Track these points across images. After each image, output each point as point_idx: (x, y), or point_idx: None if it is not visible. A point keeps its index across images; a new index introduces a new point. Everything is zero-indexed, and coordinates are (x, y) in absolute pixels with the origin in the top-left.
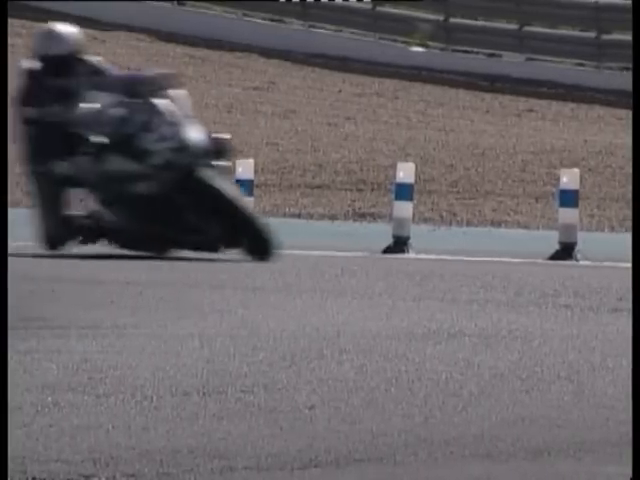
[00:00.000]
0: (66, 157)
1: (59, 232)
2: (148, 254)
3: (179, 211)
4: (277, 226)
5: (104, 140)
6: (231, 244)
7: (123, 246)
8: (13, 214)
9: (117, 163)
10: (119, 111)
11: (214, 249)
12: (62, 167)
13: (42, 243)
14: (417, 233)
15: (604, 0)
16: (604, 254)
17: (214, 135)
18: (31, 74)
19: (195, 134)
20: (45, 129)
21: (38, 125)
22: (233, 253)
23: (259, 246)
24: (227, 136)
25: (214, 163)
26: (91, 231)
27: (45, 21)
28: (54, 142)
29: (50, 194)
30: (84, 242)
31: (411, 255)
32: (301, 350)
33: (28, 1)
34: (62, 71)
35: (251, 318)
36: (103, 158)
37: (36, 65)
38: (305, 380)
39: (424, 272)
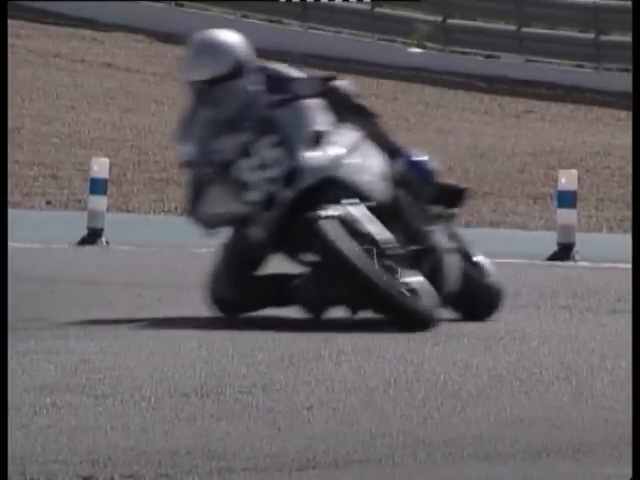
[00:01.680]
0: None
1: (241, 296)
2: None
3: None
4: None
5: (208, 172)
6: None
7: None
8: (13, 215)
9: (216, 202)
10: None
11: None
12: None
13: (217, 308)
14: None
15: (603, 1)
16: (602, 255)
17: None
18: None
19: (319, 157)
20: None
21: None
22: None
23: (405, 320)
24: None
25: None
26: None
27: (43, 22)
28: (197, 185)
29: (230, 251)
30: (271, 305)
31: None
32: (299, 351)
33: (28, 1)
34: (220, 95)
35: (249, 318)
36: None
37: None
38: (303, 381)
39: None
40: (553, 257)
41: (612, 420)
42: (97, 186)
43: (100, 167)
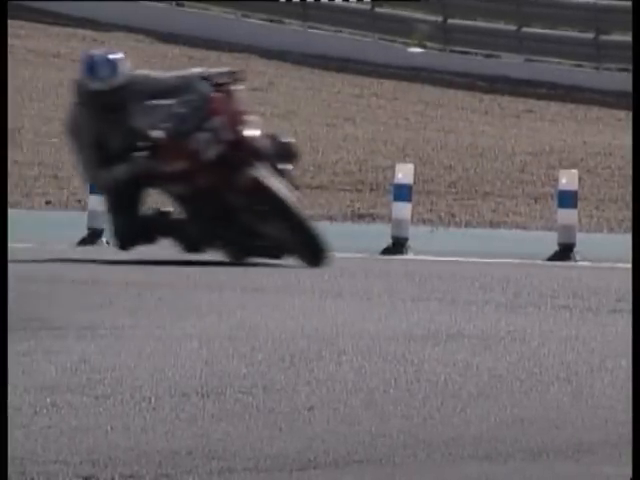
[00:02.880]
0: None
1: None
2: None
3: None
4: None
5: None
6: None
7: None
8: (13, 214)
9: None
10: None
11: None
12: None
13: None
14: (416, 234)
15: (603, 1)
16: (603, 255)
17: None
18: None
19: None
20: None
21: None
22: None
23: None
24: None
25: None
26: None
27: (43, 22)
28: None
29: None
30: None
31: (410, 256)
32: (300, 351)
33: (28, 1)
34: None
35: (250, 319)
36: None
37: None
38: (304, 381)
39: (423, 273)
40: (553, 257)
41: (612, 420)
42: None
43: None
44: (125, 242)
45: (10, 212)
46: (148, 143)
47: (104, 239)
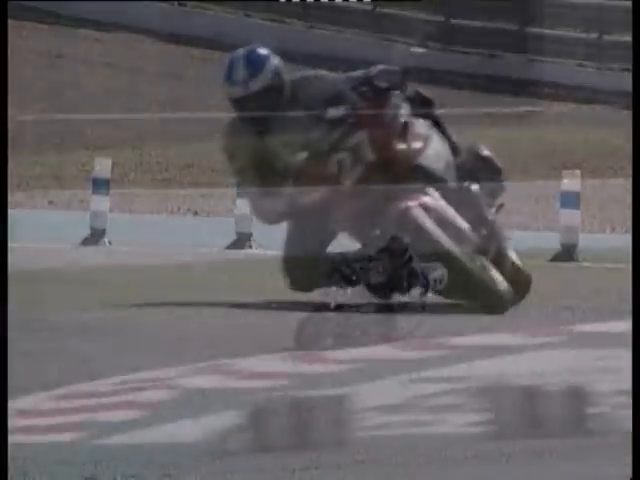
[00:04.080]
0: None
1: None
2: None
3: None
4: (276, 227)
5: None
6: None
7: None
8: (14, 214)
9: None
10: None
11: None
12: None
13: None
14: None
15: (606, 1)
16: (605, 255)
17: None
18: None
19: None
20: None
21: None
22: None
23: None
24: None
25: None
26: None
27: (44, 22)
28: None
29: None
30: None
31: None
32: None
33: (28, 1)
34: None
35: (253, 317)
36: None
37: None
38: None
39: None
40: (556, 257)
41: (612, 420)
42: (99, 186)
43: (103, 167)
44: (298, 285)
45: (11, 212)
46: (291, 167)
47: (106, 239)
